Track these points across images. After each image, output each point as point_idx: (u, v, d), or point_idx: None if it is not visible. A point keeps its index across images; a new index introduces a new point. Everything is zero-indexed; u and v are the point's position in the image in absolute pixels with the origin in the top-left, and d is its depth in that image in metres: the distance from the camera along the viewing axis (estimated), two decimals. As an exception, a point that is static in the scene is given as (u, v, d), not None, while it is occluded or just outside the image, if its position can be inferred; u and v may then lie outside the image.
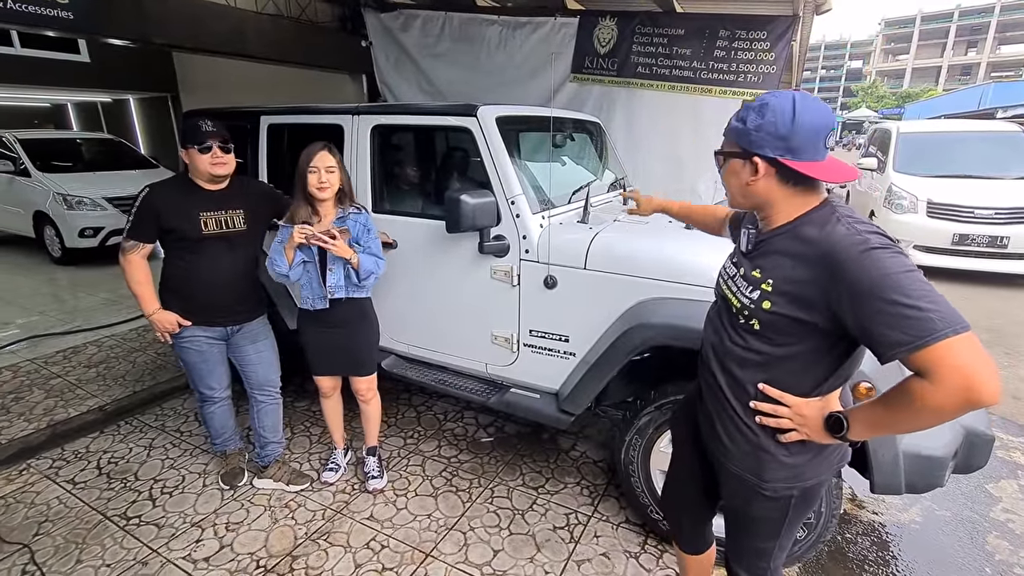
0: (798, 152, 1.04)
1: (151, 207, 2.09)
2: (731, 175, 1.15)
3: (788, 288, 1.05)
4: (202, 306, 2.20)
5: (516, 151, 2.48)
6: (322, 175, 2.11)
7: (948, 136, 6.96)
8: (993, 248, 5.66)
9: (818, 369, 1.10)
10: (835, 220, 1.02)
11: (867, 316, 0.93)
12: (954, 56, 52.81)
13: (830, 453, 1.17)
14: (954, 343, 0.87)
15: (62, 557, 2.09)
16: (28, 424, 2.96)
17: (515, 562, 2.08)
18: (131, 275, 2.12)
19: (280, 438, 2.55)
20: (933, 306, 0.89)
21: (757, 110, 1.07)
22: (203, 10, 4.81)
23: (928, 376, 0.90)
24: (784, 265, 1.06)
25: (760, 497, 1.20)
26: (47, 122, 11.85)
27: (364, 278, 2.19)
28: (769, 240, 1.12)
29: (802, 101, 1.04)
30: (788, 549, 1.32)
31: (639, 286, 2.04)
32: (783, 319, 1.06)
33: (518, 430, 3.00)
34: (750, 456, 1.19)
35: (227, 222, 2.18)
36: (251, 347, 2.36)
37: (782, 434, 1.14)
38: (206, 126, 2.07)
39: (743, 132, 1.09)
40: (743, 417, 1.18)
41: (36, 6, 3.64)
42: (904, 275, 0.92)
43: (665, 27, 4.52)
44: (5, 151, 6.72)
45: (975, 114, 17.23)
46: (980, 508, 2.45)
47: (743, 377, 1.16)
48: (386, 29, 5.73)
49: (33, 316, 4.68)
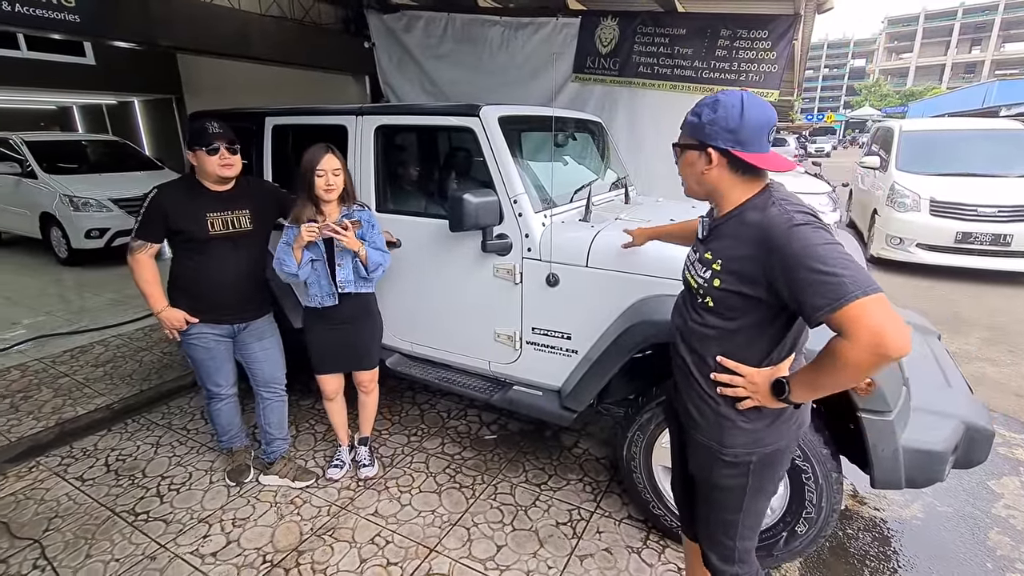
0: (746, 144, 1.16)
1: (159, 208, 2.13)
2: (687, 166, 1.28)
3: (734, 267, 1.17)
4: (209, 305, 2.23)
5: (518, 151, 2.50)
6: (329, 178, 2.15)
7: (951, 134, 6.95)
8: (996, 246, 5.66)
9: (764, 341, 1.21)
10: (771, 203, 1.15)
11: (795, 284, 1.05)
12: (958, 54, 52.60)
13: (786, 420, 1.26)
14: (866, 303, 0.98)
15: (72, 552, 2.12)
16: (37, 422, 3.00)
17: (518, 557, 2.10)
18: (139, 274, 2.16)
19: (285, 435, 2.58)
20: (847, 272, 1.00)
21: (710, 106, 1.19)
22: (207, 12, 4.84)
23: (845, 335, 1.01)
24: (731, 246, 1.19)
25: (721, 463, 1.28)
26: (53, 124, 11.94)
27: (372, 270, 2.24)
28: (720, 226, 1.25)
29: (749, 99, 1.16)
30: (756, 532, 1.38)
31: (640, 283, 2.06)
32: (731, 295, 1.18)
33: (521, 427, 3.02)
34: (713, 425, 1.28)
35: (233, 222, 2.21)
36: (257, 345, 2.40)
37: (739, 402, 1.24)
38: (213, 128, 2.10)
39: (698, 126, 1.20)
40: (706, 389, 1.28)
41: (43, 9, 3.68)
42: (823, 247, 1.04)
43: (667, 27, 4.53)
44: (12, 153, 6.79)
45: (979, 112, 17.18)
46: (982, 504, 2.45)
47: (703, 352, 1.27)
48: (389, 30, 5.76)
49: (40, 316, 4.73)
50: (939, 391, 2.01)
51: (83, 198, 6.22)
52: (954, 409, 1.87)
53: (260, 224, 2.30)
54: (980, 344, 4.18)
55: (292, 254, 2.16)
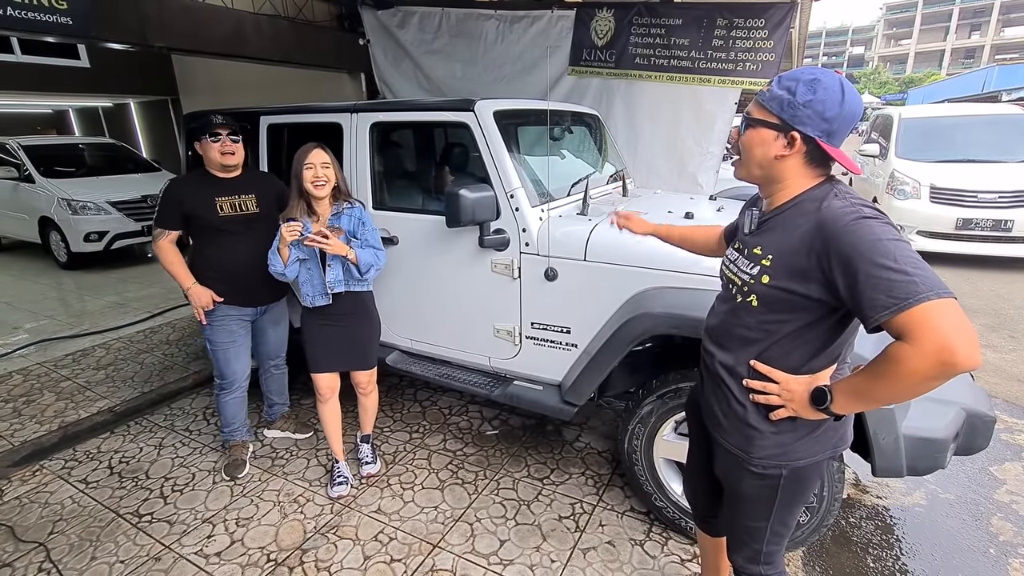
0: (834, 136, 1.05)
1: (174, 196, 2.36)
2: (758, 144, 1.11)
3: (786, 261, 1.06)
4: (230, 287, 2.40)
5: (515, 145, 2.49)
6: (318, 170, 2.14)
7: (950, 120, 6.91)
8: (997, 232, 5.63)
9: (808, 345, 1.11)
10: (832, 195, 1.05)
11: (857, 279, 0.95)
12: (957, 40, 52.24)
13: (823, 433, 1.16)
14: (936, 305, 0.88)
15: (77, 554, 2.13)
16: (40, 426, 3.01)
17: (521, 551, 2.10)
18: (164, 258, 2.37)
19: (285, 400, 2.91)
20: (918, 271, 0.91)
21: (808, 84, 1.04)
22: (200, 12, 4.82)
23: (908, 339, 0.90)
24: (784, 240, 1.08)
25: (748, 473, 1.21)
26: (49, 128, 11.92)
27: (364, 272, 2.21)
28: (772, 219, 1.14)
29: (848, 87, 1.04)
30: (786, 537, 1.31)
31: (639, 276, 2.06)
32: (779, 291, 1.08)
33: (523, 422, 3.02)
34: (739, 432, 1.21)
35: (241, 205, 2.40)
36: (272, 329, 2.68)
37: (772, 411, 1.15)
38: (216, 119, 2.31)
39: (789, 104, 1.05)
40: (736, 395, 1.20)
41: (36, 12, 3.66)
42: (893, 242, 0.94)
43: (663, 17, 4.50)
44: (9, 158, 6.78)
45: (979, 97, 17.08)
46: (984, 491, 2.45)
47: (738, 355, 1.18)
48: (383, 26, 5.72)
49: (41, 320, 4.73)
50: (940, 378, 2.00)
51: (81, 201, 6.22)
52: (955, 396, 1.86)
53: (266, 207, 2.44)
54: (982, 330, 4.17)
55: (278, 254, 2.18)
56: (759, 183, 1.18)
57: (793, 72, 1.07)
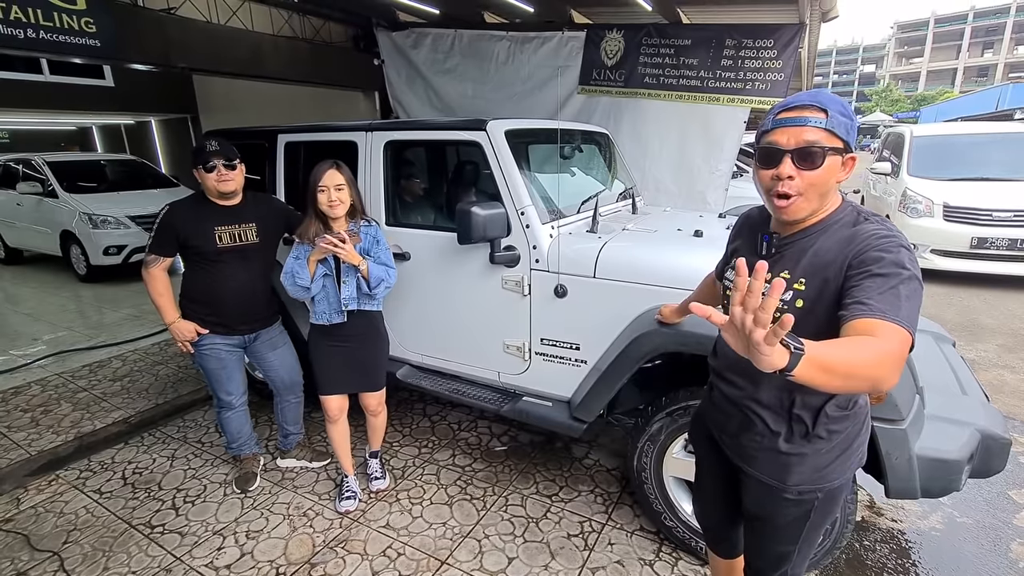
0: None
1: (170, 224, 2.25)
2: (832, 173, 1.06)
3: (818, 282, 1.06)
4: (220, 316, 2.33)
5: (525, 163, 2.53)
6: (331, 194, 2.12)
7: (963, 138, 6.87)
8: (1013, 251, 5.56)
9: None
10: (863, 219, 1.08)
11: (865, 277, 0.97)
12: (970, 58, 52.12)
13: (853, 451, 1.19)
14: (907, 341, 0.91)
15: (90, 564, 2.16)
16: (56, 436, 3.06)
17: (530, 569, 2.09)
18: (153, 287, 2.30)
19: (300, 428, 2.81)
20: (911, 312, 0.94)
21: (842, 104, 1.06)
22: (222, 34, 4.98)
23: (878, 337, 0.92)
24: (816, 263, 1.08)
25: (783, 501, 1.20)
26: (73, 144, 12.26)
27: (375, 286, 2.20)
28: (796, 242, 1.12)
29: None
30: (808, 558, 1.31)
31: (648, 293, 2.07)
32: (812, 317, 1.06)
33: (532, 439, 3.01)
34: (775, 462, 1.19)
35: (240, 236, 2.31)
36: (272, 354, 2.54)
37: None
38: (210, 146, 2.21)
39: (852, 128, 1.05)
40: (771, 425, 1.18)
41: (66, 35, 3.82)
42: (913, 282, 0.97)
43: (672, 38, 4.57)
44: (35, 173, 6.98)
45: (993, 116, 16.96)
46: (1003, 515, 2.40)
47: (768, 385, 1.17)
48: (398, 47, 5.87)
49: (60, 332, 4.83)
50: (953, 399, 1.98)
51: (102, 216, 6.37)
52: (969, 417, 1.84)
53: (266, 237, 2.39)
54: (999, 351, 4.11)
55: (306, 267, 2.16)
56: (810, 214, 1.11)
57: (829, 95, 1.07)
